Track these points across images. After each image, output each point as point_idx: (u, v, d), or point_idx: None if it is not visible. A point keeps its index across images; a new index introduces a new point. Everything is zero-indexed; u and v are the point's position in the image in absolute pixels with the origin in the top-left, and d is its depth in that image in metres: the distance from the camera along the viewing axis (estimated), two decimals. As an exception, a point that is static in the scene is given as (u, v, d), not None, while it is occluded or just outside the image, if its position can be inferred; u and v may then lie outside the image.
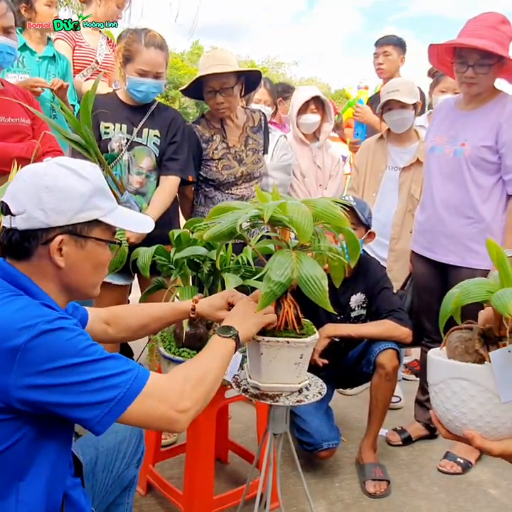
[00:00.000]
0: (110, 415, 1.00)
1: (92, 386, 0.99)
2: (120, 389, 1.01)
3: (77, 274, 1.12)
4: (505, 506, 2.15)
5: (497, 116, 2.21)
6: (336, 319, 2.29)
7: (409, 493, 2.22)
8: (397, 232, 2.83)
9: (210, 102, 2.49)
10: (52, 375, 0.97)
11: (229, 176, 2.52)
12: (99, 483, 1.38)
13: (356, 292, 2.33)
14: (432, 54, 2.34)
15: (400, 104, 2.74)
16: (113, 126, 2.32)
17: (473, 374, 0.99)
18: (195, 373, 1.13)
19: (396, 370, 2.20)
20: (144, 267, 1.85)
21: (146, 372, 1.07)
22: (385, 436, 2.57)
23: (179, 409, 1.07)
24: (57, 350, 0.98)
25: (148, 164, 2.37)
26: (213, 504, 1.89)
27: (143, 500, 2.09)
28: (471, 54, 2.17)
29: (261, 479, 1.54)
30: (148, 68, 2.25)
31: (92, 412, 0.99)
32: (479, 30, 2.17)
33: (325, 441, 2.21)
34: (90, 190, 1.10)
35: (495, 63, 2.16)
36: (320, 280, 1.27)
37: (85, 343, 1.02)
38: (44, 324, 0.98)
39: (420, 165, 2.75)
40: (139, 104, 2.36)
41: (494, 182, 2.26)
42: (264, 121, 2.67)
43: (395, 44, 3.57)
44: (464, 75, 2.21)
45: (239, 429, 2.58)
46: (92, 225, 1.12)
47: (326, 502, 2.13)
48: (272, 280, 1.27)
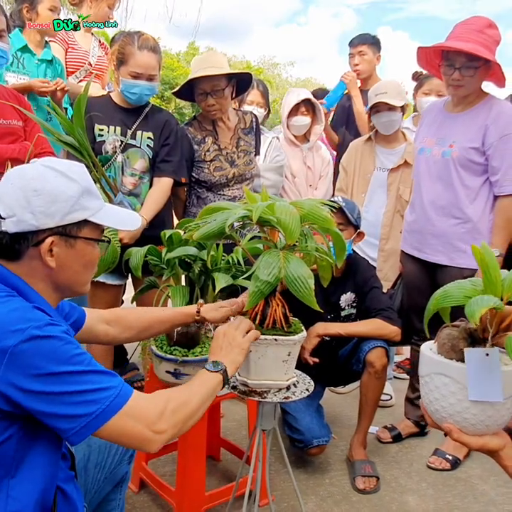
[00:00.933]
0: (86, 429, 1.01)
1: (73, 399, 1.00)
2: (100, 405, 1.02)
3: (68, 273, 1.14)
4: (492, 502, 2.19)
5: (484, 119, 2.24)
6: (327, 318, 2.33)
7: (399, 489, 2.25)
8: (386, 232, 2.86)
9: (202, 104, 2.52)
10: (36, 381, 0.98)
11: (221, 178, 2.55)
12: (91, 479, 1.40)
13: (346, 291, 2.37)
14: (420, 56, 2.38)
15: (388, 107, 2.78)
16: (107, 128, 2.35)
17: (454, 371, 1.03)
18: (179, 398, 1.15)
19: (385, 367, 2.23)
20: (136, 267, 1.88)
21: (128, 391, 1.08)
22: (376, 434, 2.61)
23: (155, 429, 1.08)
24: (44, 357, 0.99)
25: (142, 166, 2.40)
26: (205, 500, 1.92)
27: (136, 498, 2.12)
28: (458, 57, 2.20)
29: (250, 475, 1.57)
30: (142, 71, 2.28)
31: (69, 424, 1.01)
32: (466, 34, 2.21)
33: (315, 439, 2.24)
34: (78, 191, 1.11)
35: (481, 66, 2.20)
36: (306, 279, 1.30)
37: (73, 351, 1.03)
38: (34, 329, 0.99)
39: (408, 166, 2.79)
40: (132, 107, 2.39)
41: (481, 183, 2.29)
42: (255, 122, 2.70)
43: (370, 43, 3.50)
44: (451, 78, 2.25)
45: (231, 427, 2.61)
46: (81, 225, 1.13)
47: (317, 498, 2.17)
48: (260, 279, 1.30)
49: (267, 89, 3.11)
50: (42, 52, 2.87)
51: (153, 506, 2.08)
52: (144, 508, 2.07)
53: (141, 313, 1.57)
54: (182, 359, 1.82)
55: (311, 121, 3.06)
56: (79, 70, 3.17)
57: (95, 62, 3.21)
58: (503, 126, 2.21)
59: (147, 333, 1.56)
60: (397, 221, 2.82)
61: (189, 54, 30.14)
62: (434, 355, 1.08)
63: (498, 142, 2.20)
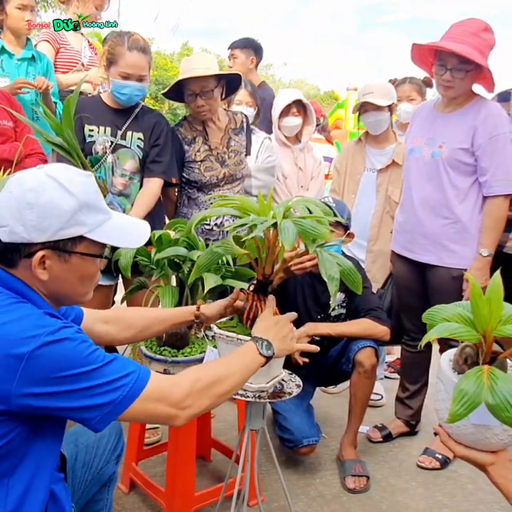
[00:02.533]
0: (110, 415, 1.04)
1: (95, 391, 1.02)
2: (121, 391, 1.04)
3: (63, 285, 1.12)
4: (481, 501, 2.20)
5: (473, 120, 2.26)
6: (317, 318, 2.33)
7: (389, 488, 2.26)
8: (375, 233, 2.87)
9: (191, 105, 2.52)
10: (56, 384, 0.99)
11: (211, 178, 2.55)
12: (78, 479, 1.40)
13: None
14: (414, 53, 2.37)
15: (374, 106, 2.80)
16: (97, 129, 2.34)
17: (446, 379, 1.04)
18: (211, 376, 1.16)
19: (374, 367, 2.24)
20: (126, 268, 1.88)
21: (146, 374, 1.09)
22: (366, 433, 2.62)
23: (180, 406, 1.10)
24: (60, 361, 0.99)
25: (132, 166, 2.39)
26: (195, 500, 1.92)
27: (126, 498, 2.11)
28: (450, 58, 2.21)
29: (238, 476, 1.57)
30: (132, 71, 2.28)
31: (93, 413, 1.03)
32: (461, 36, 2.21)
33: (305, 438, 2.25)
34: (74, 206, 1.07)
35: (472, 69, 2.21)
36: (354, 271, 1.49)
37: (87, 350, 1.03)
38: (47, 336, 0.99)
39: (397, 166, 2.80)
40: (123, 107, 2.38)
41: (470, 183, 2.31)
42: (246, 123, 2.71)
43: (242, 47, 3.71)
44: (441, 78, 2.26)
45: (222, 427, 2.61)
46: (77, 241, 1.10)
47: (307, 498, 2.17)
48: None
49: (255, 89, 3.11)
50: (21, 52, 2.82)
51: (143, 507, 2.08)
52: (134, 508, 2.07)
53: (141, 312, 1.55)
54: (172, 359, 1.82)
55: (303, 122, 3.07)
56: (71, 70, 3.15)
57: (87, 62, 3.20)
58: (491, 128, 2.22)
59: (147, 333, 1.53)
60: (386, 222, 2.83)
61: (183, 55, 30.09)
62: (441, 360, 1.10)
63: (487, 143, 2.22)
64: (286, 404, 2.31)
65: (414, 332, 2.53)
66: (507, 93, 2.43)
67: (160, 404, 1.08)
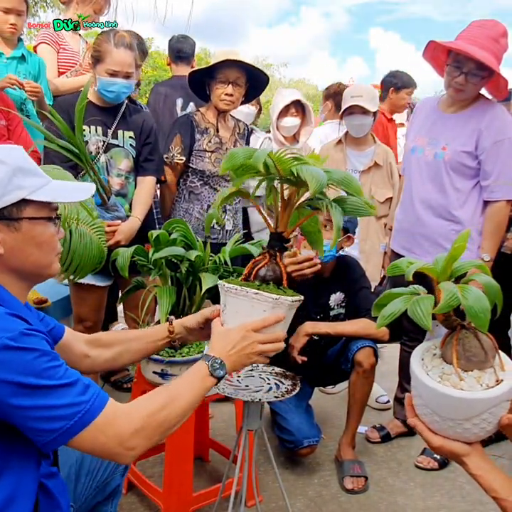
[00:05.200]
0: (53, 443, 1.01)
1: (40, 413, 0.98)
2: (66, 421, 0.99)
3: (21, 257, 1.10)
4: (479, 501, 2.19)
5: (478, 123, 2.24)
6: (316, 319, 2.33)
7: (387, 488, 2.26)
8: (363, 234, 2.92)
9: (218, 91, 2.48)
10: (6, 389, 0.96)
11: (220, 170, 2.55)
12: (82, 485, 1.38)
13: (335, 291, 2.37)
14: (428, 49, 2.34)
15: (362, 110, 2.83)
16: (88, 128, 2.30)
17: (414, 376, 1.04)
18: (161, 411, 1.08)
19: (373, 367, 2.24)
20: (123, 267, 1.87)
21: (100, 404, 1.03)
22: (365, 434, 2.62)
23: (127, 446, 1.04)
24: (16, 368, 0.96)
25: (127, 165, 2.39)
26: (192, 501, 1.92)
27: (123, 499, 2.10)
28: (468, 62, 2.17)
29: (235, 476, 1.57)
30: (119, 68, 2.25)
31: (36, 436, 1.00)
32: (482, 39, 2.17)
33: (305, 439, 2.24)
34: (8, 172, 1.06)
35: (486, 76, 2.20)
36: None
37: (45, 365, 0.99)
38: (7, 340, 0.96)
39: (378, 167, 2.87)
40: (109, 106, 2.35)
41: (472, 186, 2.30)
42: (247, 131, 2.74)
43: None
44: (454, 80, 2.23)
45: (220, 428, 2.60)
46: (21, 206, 1.08)
47: (305, 498, 2.17)
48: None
49: None
50: (11, 52, 2.77)
51: (141, 507, 2.07)
52: (132, 509, 2.06)
53: (119, 332, 1.50)
54: (169, 359, 1.82)
55: (301, 122, 3.07)
56: (69, 70, 3.14)
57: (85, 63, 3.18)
58: (496, 132, 2.21)
59: (127, 354, 1.42)
60: (373, 222, 2.87)
61: (182, 55, 29.95)
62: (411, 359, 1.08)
63: (491, 147, 2.21)
64: (286, 404, 2.31)
65: (413, 332, 2.53)
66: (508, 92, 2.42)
67: (109, 440, 1.02)
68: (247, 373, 1.74)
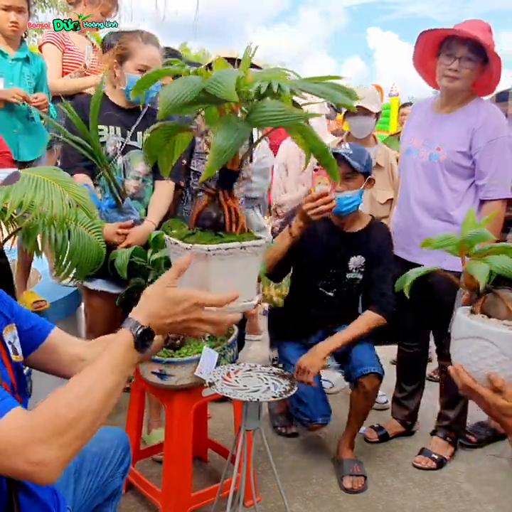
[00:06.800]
0: None
1: None
2: None
3: None
4: (477, 501, 2.20)
5: (472, 123, 2.25)
6: (329, 273, 2.30)
7: (385, 488, 2.27)
8: None
9: None
10: None
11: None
12: (82, 486, 1.37)
13: (357, 254, 2.30)
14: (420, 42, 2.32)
15: (364, 111, 2.84)
16: (107, 128, 2.24)
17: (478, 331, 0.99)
18: (73, 408, 0.89)
19: (376, 389, 2.26)
20: (122, 268, 1.88)
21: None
22: (363, 434, 2.62)
23: (34, 461, 0.86)
24: None
25: (145, 168, 2.30)
26: (191, 501, 1.92)
27: (122, 499, 2.08)
28: (460, 47, 2.19)
29: (234, 476, 1.57)
30: (150, 63, 2.18)
31: None
32: (472, 29, 2.21)
33: (320, 416, 2.25)
34: None
35: (479, 63, 2.21)
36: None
37: None
38: None
39: (379, 169, 2.86)
40: (130, 107, 2.30)
41: (468, 186, 2.31)
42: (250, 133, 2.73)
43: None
44: (448, 67, 2.23)
45: (219, 428, 2.61)
46: None
47: (303, 498, 2.17)
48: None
49: None
50: (16, 52, 2.75)
51: (140, 507, 2.08)
52: (130, 509, 2.07)
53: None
54: (167, 360, 1.82)
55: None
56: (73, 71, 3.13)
57: (90, 64, 3.18)
58: (490, 131, 2.22)
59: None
60: None
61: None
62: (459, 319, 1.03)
63: (486, 147, 2.22)
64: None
65: (412, 333, 2.53)
66: (505, 93, 2.44)
67: (6, 459, 0.86)
68: (245, 373, 1.74)
